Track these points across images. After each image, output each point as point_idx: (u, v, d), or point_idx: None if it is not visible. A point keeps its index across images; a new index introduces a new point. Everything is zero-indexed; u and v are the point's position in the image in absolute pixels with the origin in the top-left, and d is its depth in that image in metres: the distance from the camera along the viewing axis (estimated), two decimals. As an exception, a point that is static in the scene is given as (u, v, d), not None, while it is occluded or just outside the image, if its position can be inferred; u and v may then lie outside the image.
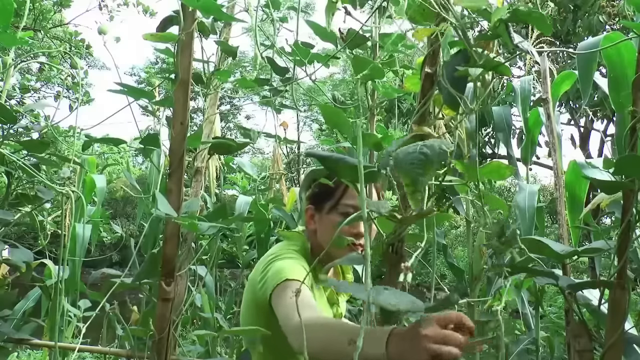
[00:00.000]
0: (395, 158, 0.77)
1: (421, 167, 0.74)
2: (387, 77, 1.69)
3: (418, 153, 0.75)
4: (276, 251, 1.36)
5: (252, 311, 1.35)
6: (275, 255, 1.32)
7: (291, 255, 1.32)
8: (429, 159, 0.74)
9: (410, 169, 0.74)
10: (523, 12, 0.83)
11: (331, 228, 1.34)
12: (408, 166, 0.74)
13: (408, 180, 0.74)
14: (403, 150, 0.78)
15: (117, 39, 1.92)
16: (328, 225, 1.36)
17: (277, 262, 1.28)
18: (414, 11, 0.93)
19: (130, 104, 1.44)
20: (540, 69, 1.79)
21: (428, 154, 0.75)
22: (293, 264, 1.27)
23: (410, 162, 0.74)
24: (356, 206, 1.33)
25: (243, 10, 1.59)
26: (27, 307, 2.68)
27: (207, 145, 1.54)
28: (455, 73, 0.87)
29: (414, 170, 0.74)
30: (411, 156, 0.75)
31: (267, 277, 1.26)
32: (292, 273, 1.21)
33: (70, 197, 1.57)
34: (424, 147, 0.76)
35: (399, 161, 0.76)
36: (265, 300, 1.24)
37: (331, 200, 1.37)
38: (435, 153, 0.75)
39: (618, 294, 1.00)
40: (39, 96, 9.72)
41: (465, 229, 2.25)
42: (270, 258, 1.32)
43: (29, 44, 2.36)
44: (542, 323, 2.40)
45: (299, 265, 1.27)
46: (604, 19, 7.32)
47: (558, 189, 1.70)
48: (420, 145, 0.77)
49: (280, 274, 1.22)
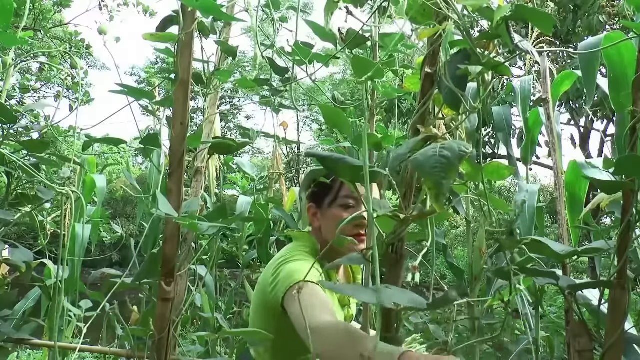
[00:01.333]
0: (416, 162, 0.77)
1: (444, 170, 0.74)
2: (387, 77, 1.69)
3: (439, 156, 0.75)
4: (286, 253, 1.36)
5: (261, 314, 1.34)
6: (286, 258, 1.32)
7: (302, 256, 1.33)
8: (450, 162, 0.74)
9: (432, 172, 0.74)
10: (526, 9, 0.83)
11: (334, 221, 1.36)
12: (431, 170, 0.74)
13: (431, 184, 0.73)
14: (422, 153, 0.77)
15: (117, 39, 1.92)
16: (330, 219, 1.38)
17: (288, 264, 1.28)
18: (415, 11, 0.93)
19: (130, 104, 1.44)
20: (540, 69, 1.79)
21: (449, 156, 0.75)
22: (304, 265, 1.26)
23: (433, 166, 0.74)
24: (354, 196, 1.36)
25: (243, 10, 1.59)
26: (27, 307, 2.68)
27: (207, 145, 1.54)
28: (457, 72, 0.87)
29: (437, 174, 0.73)
30: (433, 159, 0.75)
31: (278, 280, 1.25)
32: (304, 275, 1.16)
33: (70, 197, 1.57)
34: (444, 150, 0.76)
35: (421, 165, 0.76)
36: (277, 303, 1.23)
37: (330, 194, 1.39)
38: (456, 155, 0.75)
39: (618, 294, 1.00)
40: (39, 96, 9.72)
41: (465, 229, 2.25)
42: (280, 260, 1.32)
43: (29, 44, 2.36)
44: (542, 323, 2.40)
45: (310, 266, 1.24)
46: (604, 19, 7.32)
47: (558, 189, 1.70)
48: (440, 148, 0.76)
49: (293, 276, 1.22)
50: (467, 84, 0.89)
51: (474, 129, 1.31)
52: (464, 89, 0.88)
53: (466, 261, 2.59)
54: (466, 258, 3.05)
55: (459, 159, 0.74)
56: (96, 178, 3.22)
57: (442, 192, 0.73)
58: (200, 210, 1.52)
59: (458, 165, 0.74)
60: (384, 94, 1.72)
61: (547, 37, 2.36)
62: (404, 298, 0.64)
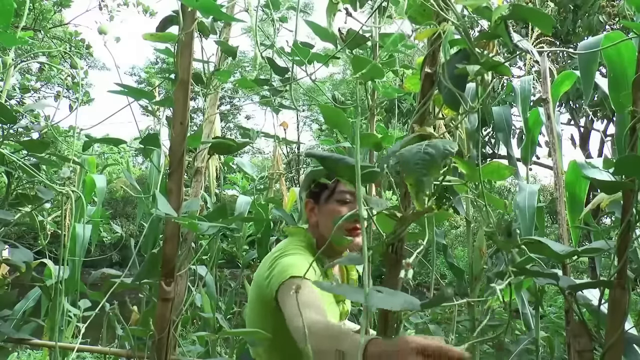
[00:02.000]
0: (400, 158, 0.77)
1: (425, 167, 0.73)
2: (387, 77, 1.69)
3: (423, 153, 0.75)
4: (282, 247, 1.37)
5: (258, 308, 1.36)
6: (281, 252, 1.33)
7: (297, 251, 1.35)
8: (433, 159, 0.74)
9: (414, 169, 0.74)
10: (524, 9, 0.83)
11: (330, 215, 1.39)
12: (413, 166, 0.74)
13: (412, 180, 0.73)
14: (408, 150, 0.77)
15: (117, 39, 1.92)
16: (327, 213, 1.41)
17: (283, 258, 1.30)
18: (414, 11, 0.93)
19: (130, 104, 1.44)
20: (540, 69, 1.79)
21: (433, 153, 0.75)
22: (299, 260, 1.28)
23: (415, 163, 0.74)
24: (350, 191, 1.40)
25: (243, 10, 1.59)
26: (27, 307, 2.68)
27: (207, 145, 1.54)
28: (456, 71, 0.87)
29: (418, 170, 0.73)
30: (416, 156, 0.75)
31: (273, 274, 1.27)
32: (299, 270, 1.22)
33: (70, 197, 1.57)
34: (428, 147, 0.76)
35: (404, 161, 0.75)
36: (271, 297, 1.24)
37: (327, 190, 1.43)
38: (440, 153, 0.74)
39: (618, 294, 1.00)
40: (39, 96, 9.72)
41: (465, 229, 2.25)
42: (276, 255, 1.33)
43: (29, 44, 2.36)
44: (542, 323, 2.40)
45: (306, 261, 1.28)
46: (604, 19, 7.31)
47: (558, 189, 1.70)
48: (425, 145, 0.76)
49: (287, 270, 1.23)
50: (466, 84, 0.89)
51: (473, 129, 1.31)
52: (463, 89, 0.88)
53: (466, 261, 2.59)
54: (466, 258, 3.06)
55: (442, 157, 0.74)
56: (96, 178, 3.22)
57: (421, 189, 0.73)
58: (200, 210, 1.52)
59: (440, 163, 0.74)
60: (384, 94, 1.72)
61: (547, 37, 2.35)
62: (395, 301, 0.63)
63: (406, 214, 0.83)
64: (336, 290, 0.70)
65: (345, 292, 0.69)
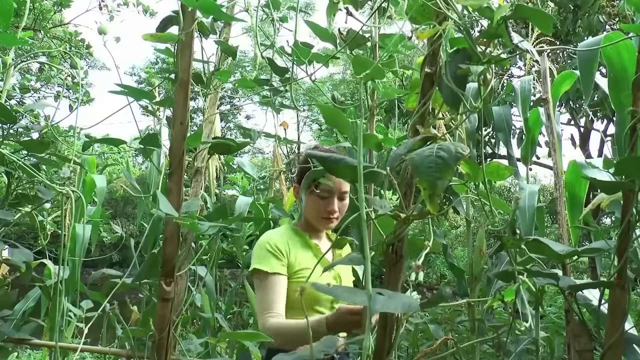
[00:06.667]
0: (412, 161, 0.76)
1: (439, 170, 0.73)
2: (387, 77, 1.69)
3: (435, 157, 0.75)
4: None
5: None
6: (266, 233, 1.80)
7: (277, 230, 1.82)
8: (446, 162, 0.74)
9: (427, 172, 0.73)
10: (526, 9, 0.83)
11: (312, 205, 1.73)
12: (426, 170, 0.74)
13: (426, 184, 0.73)
14: (419, 153, 0.77)
15: (117, 39, 1.92)
16: (309, 203, 1.75)
17: (261, 237, 1.73)
18: (415, 11, 0.93)
19: (130, 104, 1.44)
20: (540, 68, 1.79)
21: (445, 157, 0.74)
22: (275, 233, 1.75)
23: (428, 166, 0.74)
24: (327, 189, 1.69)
25: (243, 10, 1.59)
26: (27, 307, 2.68)
27: (207, 145, 1.53)
28: (459, 72, 0.86)
29: (432, 174, 0.73)
30: (429, 160, 0.75)
31: (253, 251, 1.70)
32: (263, 262, 1.62)
33: (70, 197, 1.57)
34: (440, 150, 0.75)
35: (416, 165, 0.75)
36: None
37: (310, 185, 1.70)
38: (452, 156, 0.74)
39: (618, 294, 1.00)
40: (39, 96, 9.73)
41: (465, 229, 2.25)
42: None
43: (29, 44, 2.36)
44: (542, 323, 2.39)
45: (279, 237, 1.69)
46: (604, 19, 7.31)
47: (558, 189, 1.70)
48: (437, 148, 0.76)
49: (254, 258, 1.65)
50: (466, 84, 0.89)
51: (474, 129, 1.31)
52: (463, 89, 0.88)
53: (466, 261, 2.59)
54: (466, 258, 3.05)
55: (455, 160, 0.74)
56: (96, 178, 3.21)
57: (436, 192, 0.73)
58: (200, 210, 1.52)
59: (454, 166, 0.74)
60: (384, 94, 1.72)
61: (547, 37, 2.35)
62: (396, 304, 0.64)
63: (408, 214, 0.83)
64: (334, 293, 0.69)
65: (346, 296, 0.69)
